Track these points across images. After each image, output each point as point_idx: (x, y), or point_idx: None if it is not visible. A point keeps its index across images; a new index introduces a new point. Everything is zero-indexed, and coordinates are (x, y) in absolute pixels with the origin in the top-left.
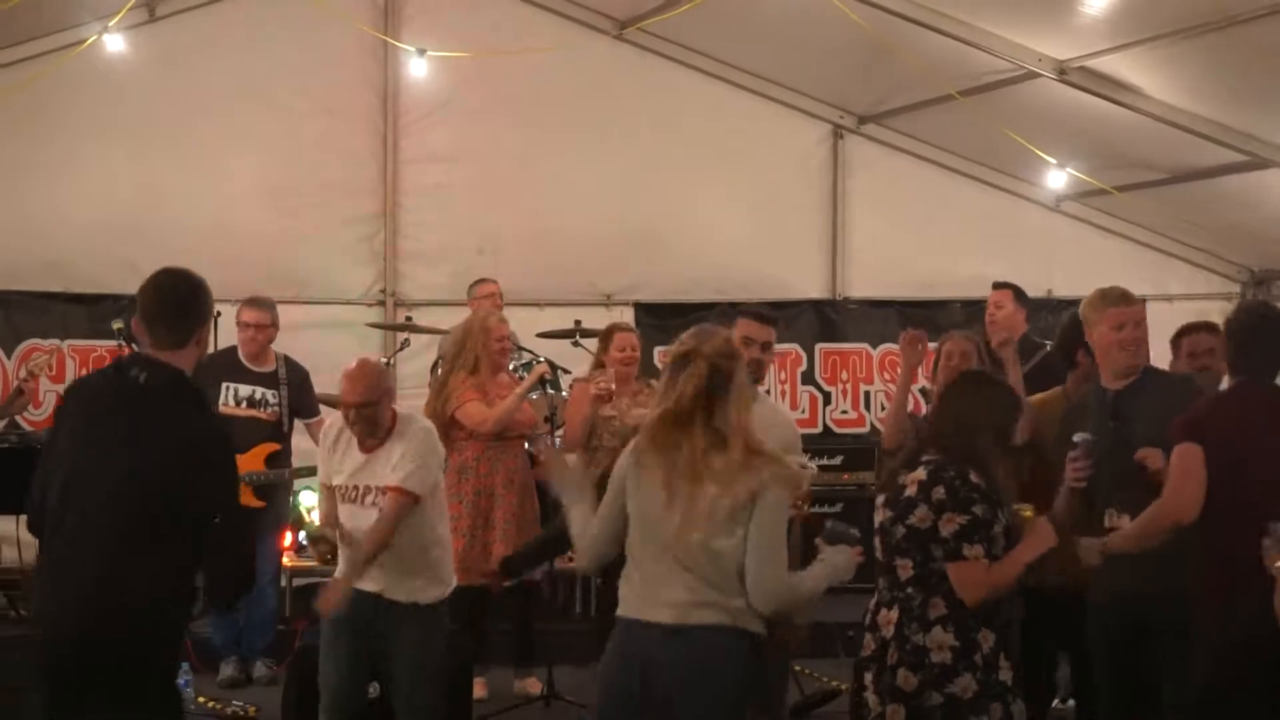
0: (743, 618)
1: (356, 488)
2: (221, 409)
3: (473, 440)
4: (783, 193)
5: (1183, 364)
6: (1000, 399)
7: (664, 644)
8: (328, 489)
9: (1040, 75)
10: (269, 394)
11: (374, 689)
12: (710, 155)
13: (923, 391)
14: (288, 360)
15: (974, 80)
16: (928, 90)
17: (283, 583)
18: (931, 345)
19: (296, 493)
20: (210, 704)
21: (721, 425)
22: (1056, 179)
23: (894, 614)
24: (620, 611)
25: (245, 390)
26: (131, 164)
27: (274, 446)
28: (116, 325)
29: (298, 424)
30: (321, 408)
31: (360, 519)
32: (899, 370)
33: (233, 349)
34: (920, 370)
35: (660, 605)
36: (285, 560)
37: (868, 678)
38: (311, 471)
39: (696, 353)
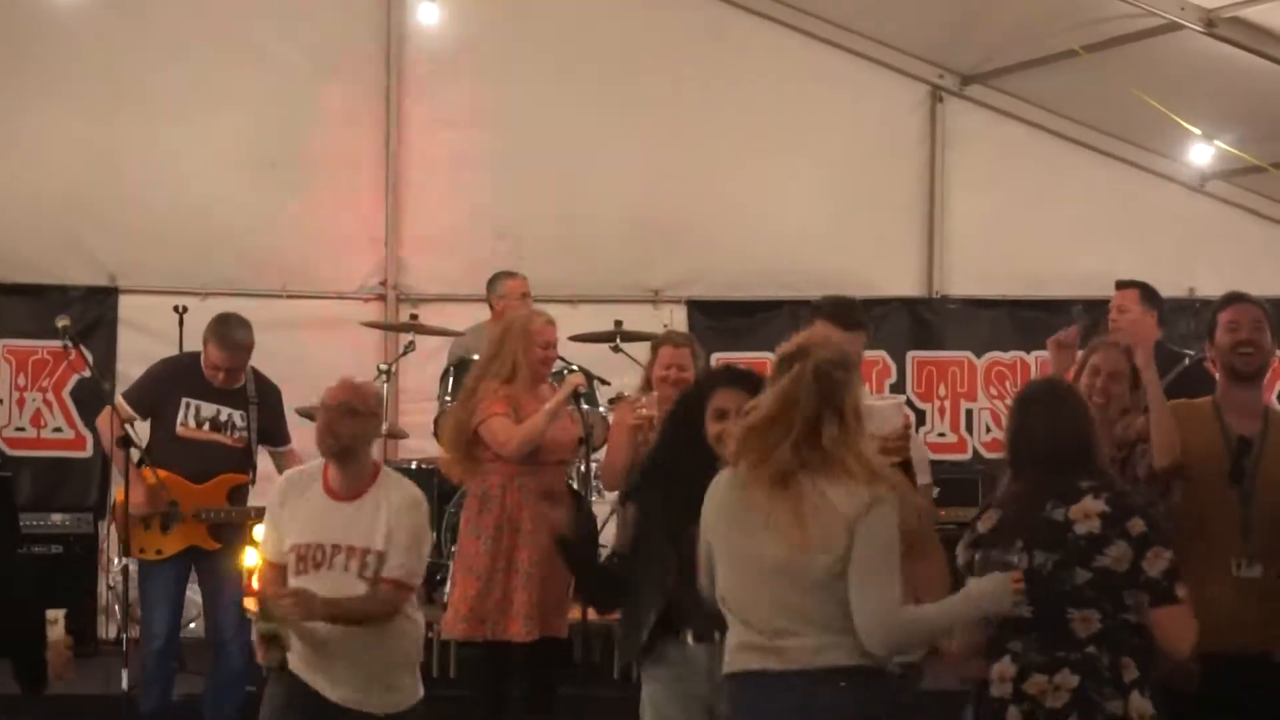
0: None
1: (322, 548)
2: (179, 430)
3: (500, 463)
4: (868, 168)
5: None
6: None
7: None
8: (274, 566)
9: (1183, 26)
10: (236, 415)
11: None
12: (779, 123)
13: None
14: (258, 375)
15: (1101, 33)
16: (1045, 44)
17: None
18: None
19: None
20: None
21: (830, 446)
22: (1201, 153)
23: (1069, 679)
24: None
25: (209, 410)
26: (85, 129)
27: (240, 478)
28: (62, 324)
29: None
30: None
31: (324, 587)
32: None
33: (195, 356)
34: None
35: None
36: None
37: None
38: None
39: (805, 354)
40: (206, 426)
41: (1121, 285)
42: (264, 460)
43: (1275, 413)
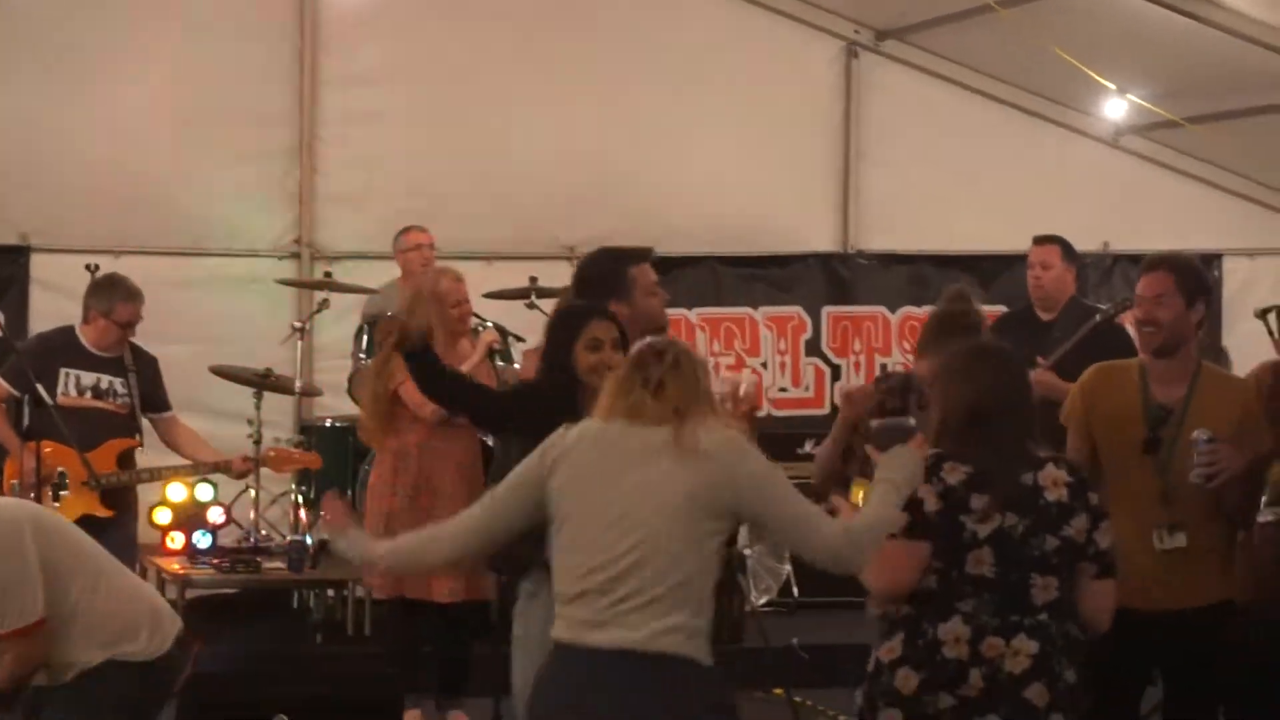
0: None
1: None
2: (61, 400)
3: (418, 424)
4: (784, 125)
5: None
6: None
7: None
8: None
9: None
10: (116, 382)
11: None
12: (696, 79)
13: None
14: (133, 345)
15: None
16: (960, 0)
17: (171, 594)
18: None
19: (193, 485)
20: None
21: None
22: (1115, 108)
23: (1029, 644)
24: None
25: (89, 378)
26: None
27: (130, 442)
28: None
29: None
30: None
31: None
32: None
33: (69, 329)
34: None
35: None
36: (178, 568)
37: None
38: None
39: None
40: (88, 395)
41: (1040, 241)
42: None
43: (1206, 375)
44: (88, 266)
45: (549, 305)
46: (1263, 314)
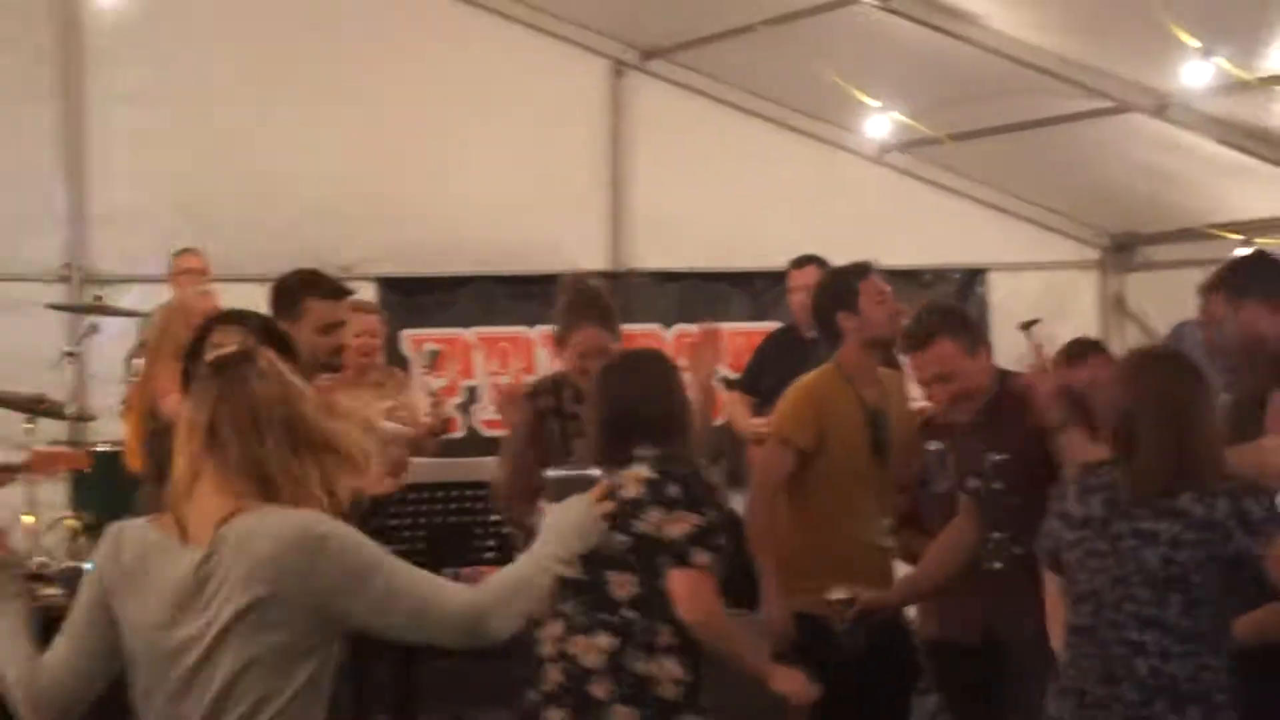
0: None
1: None
2: None
3: None
4: (555, 144)
5: None
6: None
7: None
8: None
9: (859, 1)
10: None
11: None
12: (468, 100)
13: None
14: None
15: (780, 7)
16: (725, 20)
17: None
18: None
19: None
20: None
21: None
22: (878, 125)
23: (604, 639)
24: None
25: None
26: None
27: None
28: None
29: None
30: None
31: None
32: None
33: None
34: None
35: None
36: None
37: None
38: None
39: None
40: None
41: (799, 264)
42: None
43: (884, 377)
44: None
45: None
46: (1025, 326)
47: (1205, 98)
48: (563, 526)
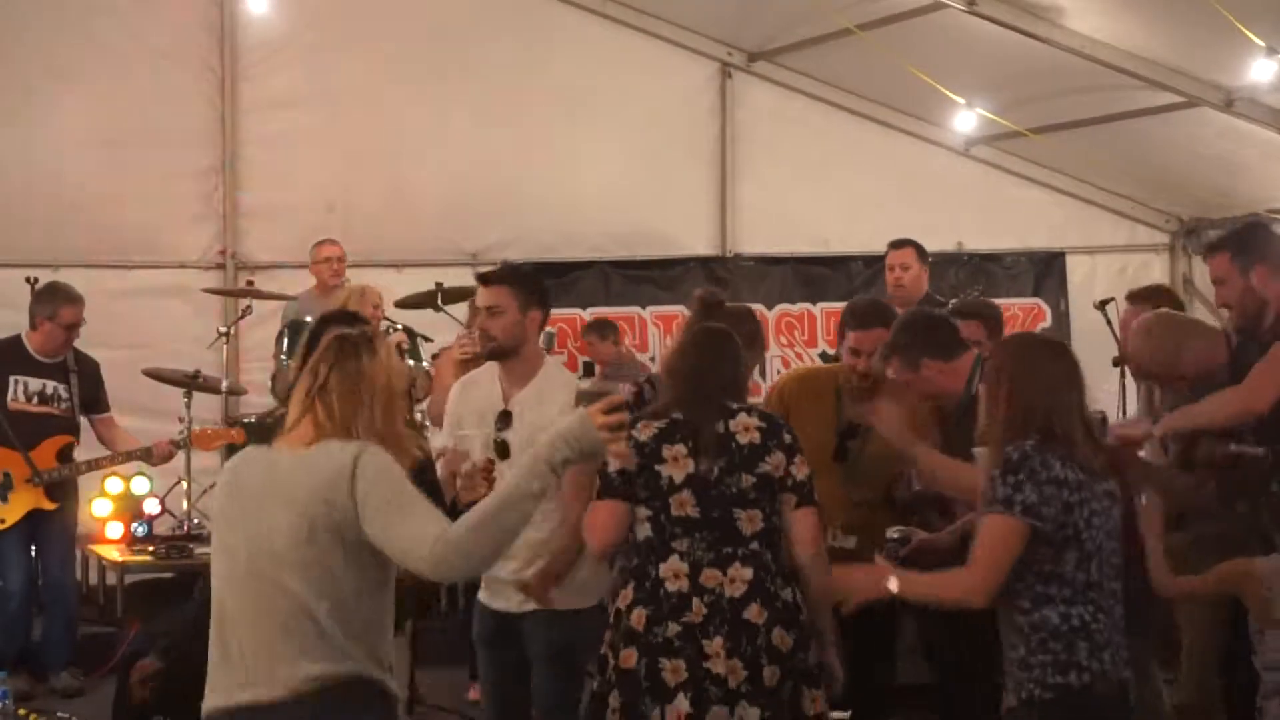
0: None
1: None
2: (10, 405)
3: None
4: (666, 139)
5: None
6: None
7: None
8: None
9: (947, 5)
10: (60, 388)
11: None
12: (585, 99)
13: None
14: (76, 350)
15: (874, 12)
16: (823, 24)
17: (111, 580)
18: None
19: (129, 479)
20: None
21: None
22: (965, 121)
23: (744, 571)
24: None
25: (35, 385)
26: None
27: (66, 439)
28: None
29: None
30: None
31: None
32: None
33: (16, 339)
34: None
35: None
36: (117, 555)
37: (712, 645)
38: (110, 460)
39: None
40: (36, 400)
41: (897, 245)
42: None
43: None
44: (28, 279)
45: (454, 309)
46: (1100, 305)
47: (1270, 93)
48: (555, 434)
